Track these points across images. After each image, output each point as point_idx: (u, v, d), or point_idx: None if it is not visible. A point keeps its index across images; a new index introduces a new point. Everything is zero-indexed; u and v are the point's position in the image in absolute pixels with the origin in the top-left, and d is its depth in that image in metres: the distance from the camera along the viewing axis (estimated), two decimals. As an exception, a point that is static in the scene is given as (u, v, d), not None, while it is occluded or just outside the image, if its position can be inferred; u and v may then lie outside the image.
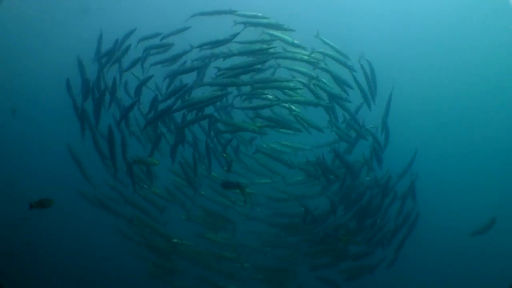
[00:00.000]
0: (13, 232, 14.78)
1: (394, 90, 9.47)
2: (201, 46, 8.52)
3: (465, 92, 23.27)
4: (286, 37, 8.66)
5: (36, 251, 15.63)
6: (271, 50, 8.37)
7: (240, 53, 8.39)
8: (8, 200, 15.64)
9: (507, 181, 19.76)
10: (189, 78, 8.96)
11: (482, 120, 23.15)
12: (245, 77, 8.42)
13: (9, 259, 14.38)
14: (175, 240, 10.49)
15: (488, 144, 22.65)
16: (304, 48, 8.74)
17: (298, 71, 8.73)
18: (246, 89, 8.73)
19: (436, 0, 20.55)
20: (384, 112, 9.39)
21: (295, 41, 8.66)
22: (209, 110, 8.93)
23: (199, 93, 8.51)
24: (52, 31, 20.80)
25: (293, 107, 8.67)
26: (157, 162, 8.69)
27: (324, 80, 8.72)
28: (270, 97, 8.45)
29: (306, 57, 8.55)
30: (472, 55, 22.52)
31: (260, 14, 8.76)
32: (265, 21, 8.69)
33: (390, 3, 20.65)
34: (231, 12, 8.76)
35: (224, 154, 8.40)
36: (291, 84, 8.38)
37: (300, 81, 8.66)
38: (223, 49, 8.55)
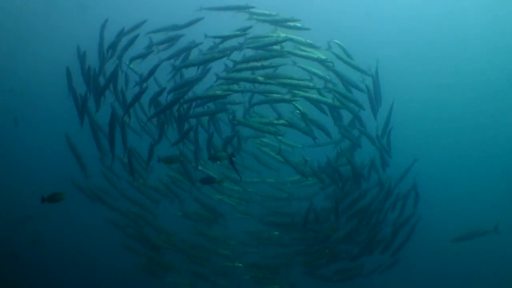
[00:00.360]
0: (16, 230, 14.80)
1: (395, 97, 9.45)
2: (214, 38, 8.34)
3: (466, 96, 23.46)
4: (300, 38, 8.49)
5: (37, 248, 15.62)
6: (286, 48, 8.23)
7: (254, 47, 8.15)
8: (9, 200, 15.61)
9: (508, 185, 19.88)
10: (190, 71, 8.91)
11: (483, 123, 23.37)
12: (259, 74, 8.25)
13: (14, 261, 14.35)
14: (169, 235, 10.41)
15: (489, 148, 22.87)
16: (317, 48, 8.53)
17: (310, 71, 8.52)
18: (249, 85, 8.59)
19: (436, 7, 20.70)
20: (385, 122, 9.33)
21: (308, 41, 8.51)
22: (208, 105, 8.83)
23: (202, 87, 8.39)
24: (49, 28, 20.69)
25: (302, 111, 8.55)
26: (181, 159, 8.57)
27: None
28: (286, 97, 8.26)
29: (323, 57, 8.39)
30: (473, 59, 22.70)
31: (274, 13, 8.59)
32: (280, 17, 8.50)
33: (392, 8, 20.80)
34: (245, 8, 8.54)
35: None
36: (310, 84, 8.24)
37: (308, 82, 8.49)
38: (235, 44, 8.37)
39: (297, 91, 8.18)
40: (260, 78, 7.87)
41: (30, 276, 14.51)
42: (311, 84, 8.19)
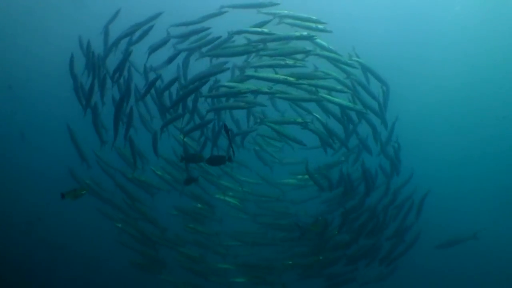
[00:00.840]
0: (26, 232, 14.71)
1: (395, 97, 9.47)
2: (238, 33, 8.15)
3: (465, 97, 23.63)
4: (323, 42, 8.40)
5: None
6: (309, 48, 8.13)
7: (279, 39, 8.06)
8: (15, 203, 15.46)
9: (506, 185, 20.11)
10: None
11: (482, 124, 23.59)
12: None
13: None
14: (163, 230, 10.33)
15: (488, 149, 23.13)
16: (339, 55, 8.44)
17: (332, 76, 8.39)
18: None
19: (437, 7, 20.75)
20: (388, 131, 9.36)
21: (331, 47, 8.40)
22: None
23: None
24: (47, 24, 20.37)
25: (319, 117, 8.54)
26: (204, 158, 8.50)
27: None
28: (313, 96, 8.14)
29: (349, 60, 8.38)
30: (472, 60, 22.87)
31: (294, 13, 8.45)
32: (304, 15, 8.35)
33: (390, 8, 20.82)
34: (269, 5, 8.37)
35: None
36: (338, 87, 8.22)
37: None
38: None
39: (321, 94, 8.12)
40: (291, 79, 7.76)
41: (27, 275, 14.39)
42: (338, 87, 8.16)
